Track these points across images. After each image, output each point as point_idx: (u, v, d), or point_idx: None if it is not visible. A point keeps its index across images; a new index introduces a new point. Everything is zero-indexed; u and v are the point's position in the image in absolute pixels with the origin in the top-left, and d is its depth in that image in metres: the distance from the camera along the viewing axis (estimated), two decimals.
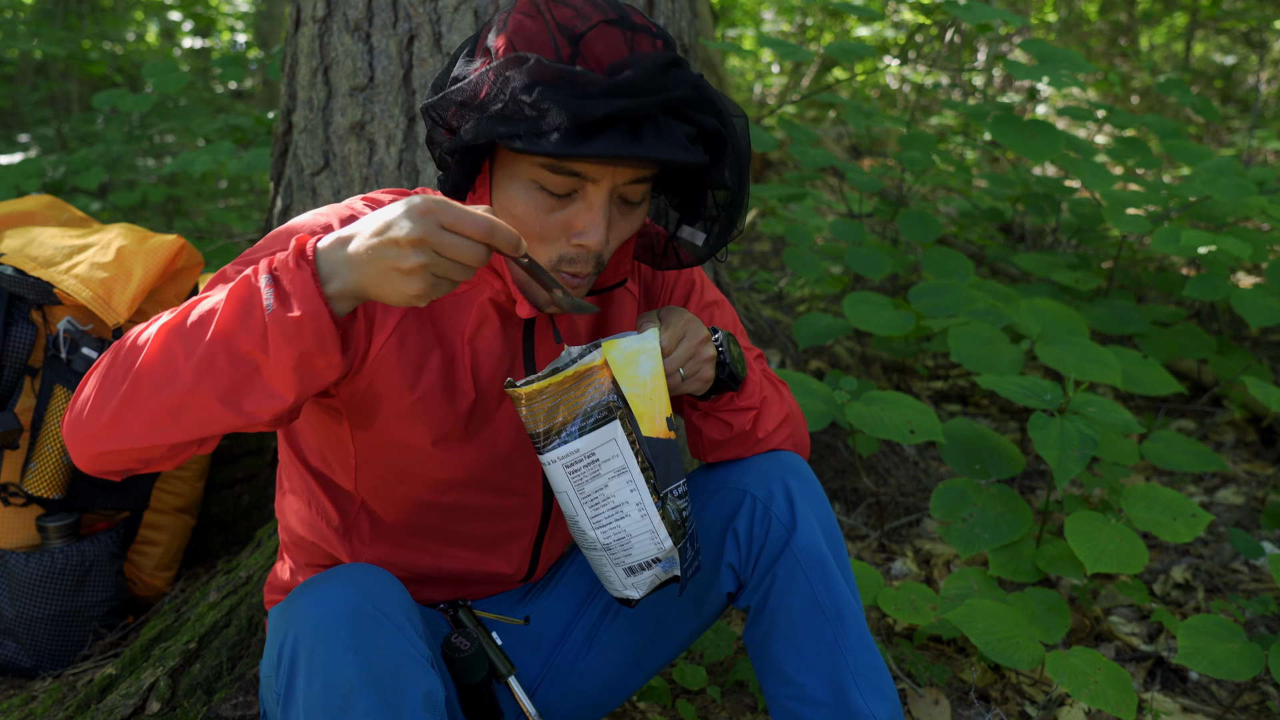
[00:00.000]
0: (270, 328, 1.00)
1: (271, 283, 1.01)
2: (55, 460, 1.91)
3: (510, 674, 1.33)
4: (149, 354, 1.04)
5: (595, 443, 1.17)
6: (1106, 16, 8.69)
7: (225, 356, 1.01)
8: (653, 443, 1.19)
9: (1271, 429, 3.16)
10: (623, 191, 1.17)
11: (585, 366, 1.16)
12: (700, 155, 1.12)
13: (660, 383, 1.19)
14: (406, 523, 1.35)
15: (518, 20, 1.12)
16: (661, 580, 1.26)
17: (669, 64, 1.09)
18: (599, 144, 1.06)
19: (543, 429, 1.17)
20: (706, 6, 5.82)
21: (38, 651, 1.94)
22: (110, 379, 1.06)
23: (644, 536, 1.21)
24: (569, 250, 1.18)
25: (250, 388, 1.03)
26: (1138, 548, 1.92)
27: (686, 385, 1.27)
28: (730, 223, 1.26)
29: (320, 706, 1.07)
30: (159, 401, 1.04)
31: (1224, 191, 2.86)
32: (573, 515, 1.22)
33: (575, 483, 1.19)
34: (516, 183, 1.16)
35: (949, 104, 3.69)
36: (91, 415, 1.06)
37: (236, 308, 1.01)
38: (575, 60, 1.08)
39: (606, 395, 1.17)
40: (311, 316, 1.00)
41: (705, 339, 1.28)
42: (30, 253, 1.93)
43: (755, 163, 6.01)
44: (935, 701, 1.87)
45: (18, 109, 6.44)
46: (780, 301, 3.66)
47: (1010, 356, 2.33)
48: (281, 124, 2.36)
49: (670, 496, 1.21)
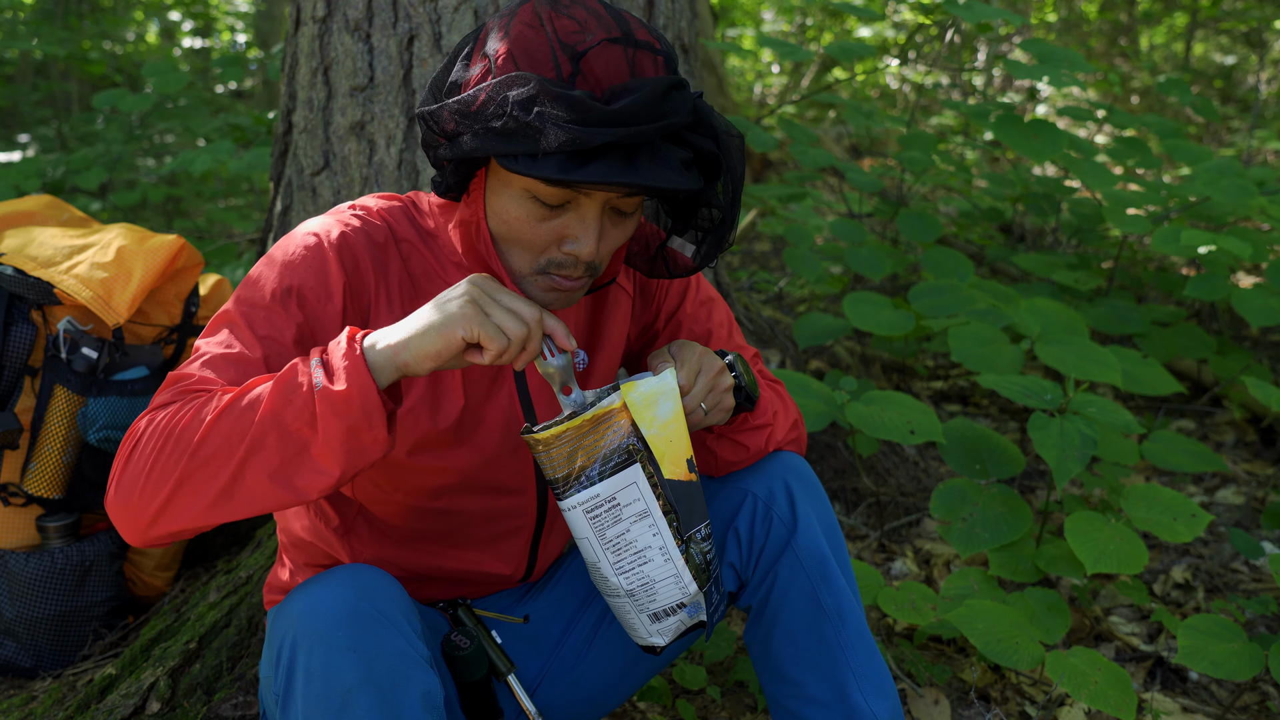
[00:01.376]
0: (319, 403, 1.03)
1: (320, 364, 1.05)
2: (55, 460, 1.92)
3: (510, 672, 1.34)
4: (201, 438, 1.05)
5: (616, 487, 1.16)
6: (1106, 16, 8.69)
7: (276, 435, 1.04)
8: (675, 485, 1.17)
9: (1271, 429, 3.16)
10: (616, 204, 1.17)
11: (604, 410, 1.15)
12: (694, 180, 1.12)
13: (680, 424, 1.18)
14: (404, 525, 1.35)
15: (519, 30, 1.10)
16: (687, 626, 1.25)
17: (670, 88, 1.09)
18: (594, 170, 1.05)
19: (562, 474, 1.15)
20: (706, 6, 5.82)
21: (38, 651, 1.94)
22: (163, 464, 1.06)
23: (668, 581, 1.20)
24: (559, 256, 1.18)
25: (300, 465, 1.05)
26: (1138, 548, 1.92)
27: (710, 418, 1.26)
28: (720, 239, 1.26)
29: (319, 707, 1.07)
30: (213, 484, 1.05)
31: (1224, 192, 2.86)
32: (594, 561, 1.20)
33: (596, 528, 1.17)
34: (510, 191, 1.16)
35: (949, 104, 3.69)
36: (145, 499, 1.07)
37: (285, 388, 1.05)
38: (575, 79, 1.08)
39: (626, 438, 1.15)
40: (359, 391, 1.03)
41: (721, 369, 1.27)
42: (30, 253, 1.93)
43: (755, 163, 6.01)
44: (935, 701, 1.87)
45: (18, 109, 6.44)
46: (780, 301, 3.66)
47: (1010, 356, 2.33)
48: (281, 124, 2.36)
49: (694, 540, 1.20)
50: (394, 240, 1.26)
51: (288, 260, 1.21)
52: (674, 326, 1.46)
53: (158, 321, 2.04)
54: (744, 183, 1.25)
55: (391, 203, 1.30)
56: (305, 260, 1.20)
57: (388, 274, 1.25)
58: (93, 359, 1.90)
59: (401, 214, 1.29)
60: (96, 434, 1.91)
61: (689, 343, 1.28)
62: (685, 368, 1.23)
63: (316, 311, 1.20)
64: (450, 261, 1.28)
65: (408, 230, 1.28)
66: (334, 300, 1.20)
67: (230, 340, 1.16)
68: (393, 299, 1.25)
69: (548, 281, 1.19)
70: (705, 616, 1.24)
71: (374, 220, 1.26)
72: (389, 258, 1.25)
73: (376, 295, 1.24)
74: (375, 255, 1.24)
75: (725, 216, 1.23)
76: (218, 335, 1.17)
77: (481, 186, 1.19)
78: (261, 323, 1.17)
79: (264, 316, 1.17)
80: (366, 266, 1.23)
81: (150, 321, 2.03)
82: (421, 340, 1.06)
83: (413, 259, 1.27)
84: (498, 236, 1.19)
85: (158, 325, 2.04)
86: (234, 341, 1.16)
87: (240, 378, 1.14)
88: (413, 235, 1.28)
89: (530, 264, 1.19)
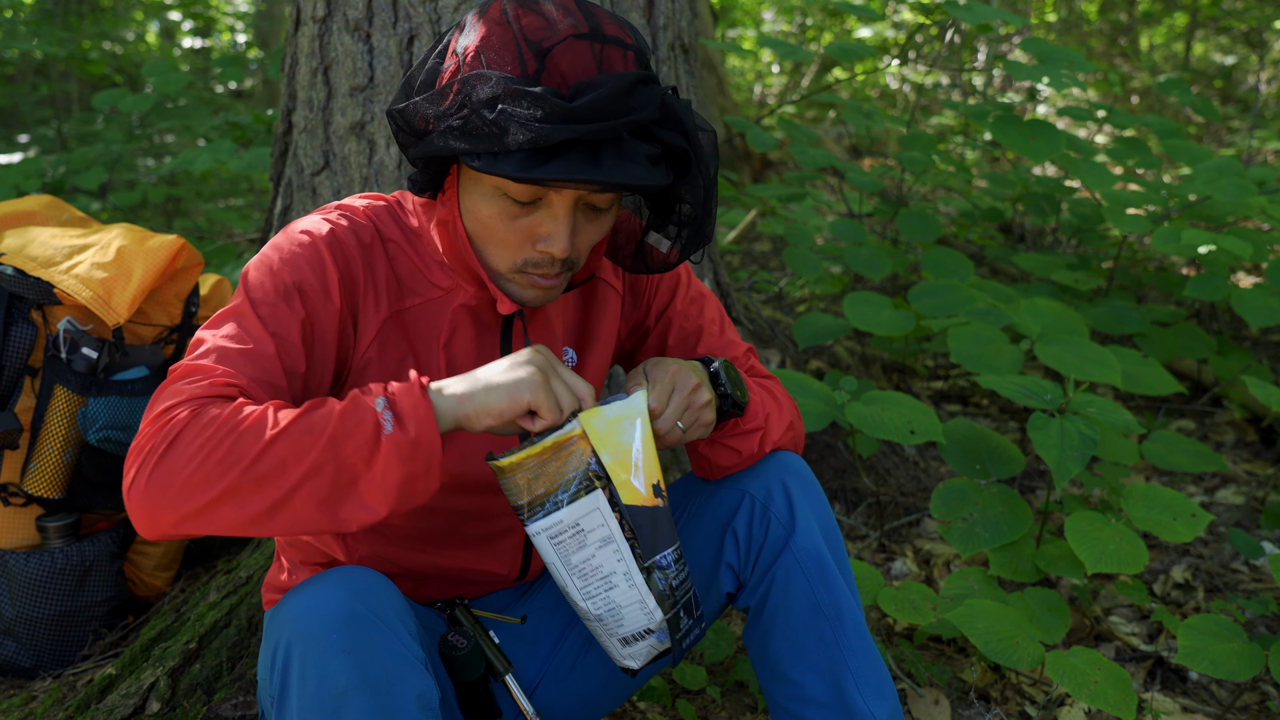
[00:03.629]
0: (386, 446, 1.04)
1: (388, 405, 1.06)
2: (55, 460, 1.92)
3: (507, 672, 1.33)
4: (259, 454, 1.04)
5: (579, 513, 1.16)
6: (1106, 16, 8.69)
7: (333, 466, 1.05)
8: (635, 511, 1.16)
9: (1271, 429, 3.16)
10: (589, 200, 1.17)
11: (564, 436, 1.14)
12: (661, 176, 1.11)
13: (648, 448, 1.17)
14: (399, 524, 1.35)
15: (488, 27, 1.11)
16: (658, 651, 1.25)
17: (636, 83, 1.09)
18: (555, 167, 1.06)
19: (525, 501, 1.16)
20: (706, 6, 5.82)
21: (38, 651, 1.94)
22: (210, 468, 1.04)
23: (633, 607, 1.20)
24: (534, 255, 1.18)
25: (348, 498, 1.06)
26: (1138, 548, 1.92)
27: (690, 434, 1.25)
28: (696, 234, 1.26)
29: (314, 709, 1.07)
30: (260, 500, 1.05)
31: (1224, 191, 2.86)
32: (564, 586, 1.21)
33: (561, 554, 1.18)
34: (481, 188, 1.17)
35: (949, 104, 3.69)
36: (183, 497, 1.05)
37: (348, 420, 1.05)
38: (540, 76, 1.08)
39: (587, 465, 1.15)
40: (427, 441, 1.05)
41: (697, 385, 1.25)
42: (30, 253, 1.93)
43: (755, 163, 6.01)
44: (935, 701, 1.87)
45: (18, 109, 6.44)
46: (780, 301, 3.66)
47: (1010, 356, 2.33)
48: (281, 124, 2.36)
49: (657, 566, 1.19)
50: (380, 240, 1.27)
51: (286, 258, 1.21)
52: (665, 324, 1.46)
53: (158, 321, 2.04)
54: (718, 178, 1.25)
55: (377, 203, 1.31)
56: (303, 258, 1.21)
57: (375, 273, 1.25)
58: (93, 359, 1.90)
59: (386, 214, 1.29)
60: (96, 434, 1.91)
61: (663, 360, 1.26)
62: (656, 388, 1.21)
63: (317, 308, 1.20)
64: (434, 260, 1.28)
65: (393, 230, 1.28)
66: (332, 298, 1.21)
67: (242, 335, 1.16)
68: (380, 298, 1.25)
69: (527, 280, 1.21)
70: (671, 644, 1.24)
71: (360, 220, 1.27)
72: (375, 258, 1.26)
73: (365, 294, 1.25)
74: (363, 255, 1.25)
75: (698, 213, 1.23)
76: (225, 328, 1.17)
77: (455, 185, 1.20)
78: (270, 318, 1.17)
79: (271, 312, 1.17)
80: (357, 265, 1.24)
81: (150, 321, 2.03)
82: (488, 396, 1.09)
83: (398, 259, 1.28)
84: (473, 235, 1.20)
85: (158, 325, 2.04)
86: (246, 337, 1.16)
87: (260, 374, 1.14)
88: (398, 235, 1.28)
89: (507, 264, 1.20)
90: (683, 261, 1.29)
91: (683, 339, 1.46)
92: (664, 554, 1.19)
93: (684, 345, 1.46)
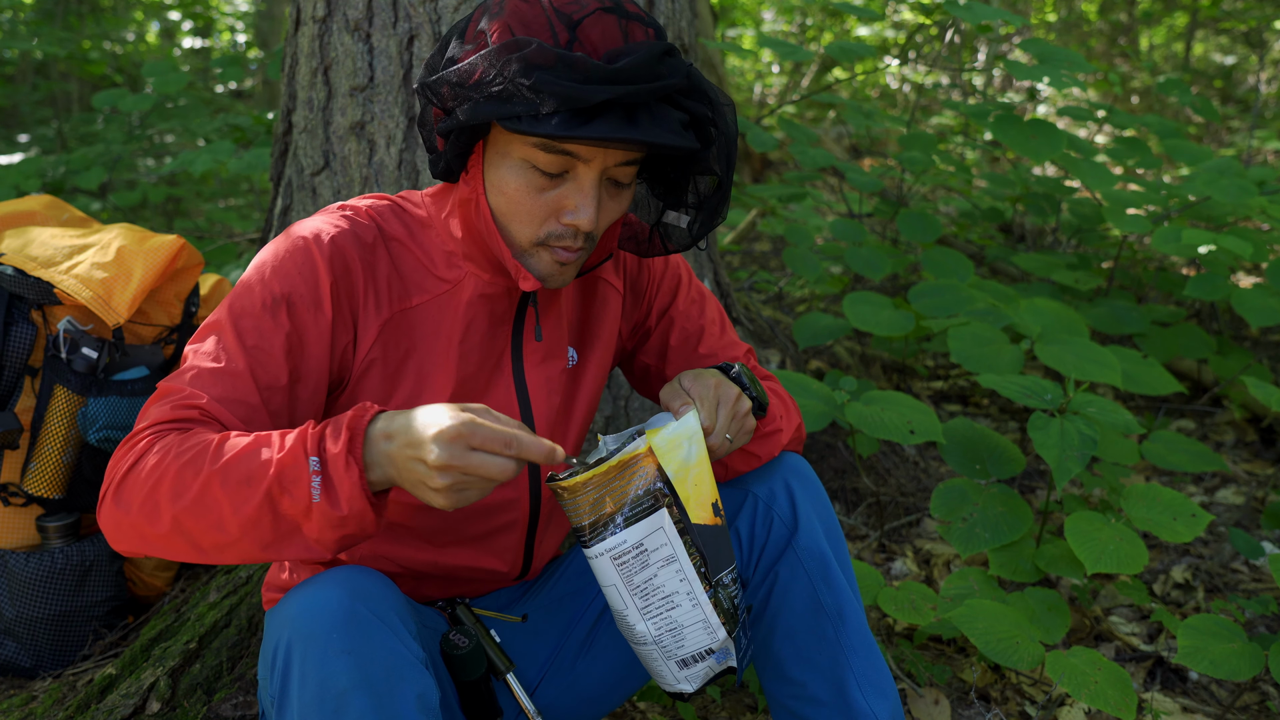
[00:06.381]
0: (316, 514, 1.04)
1: (319, 468, 1.04)
2: (55, 460, 1.91)
3: (509, 671, 1.33)
4: (197, 495, 1.06)
5: (643, 533, 1.15)
6: (1106, 16, 8.69)
7: (271, 518, 1.05)
8: (701, 530, 1.16)
9: (1271, 429, 3.16)
10: (613, 174, 1.19)
11: (629, 455, 1.14)
12: (693, 141, 1.14)
13: (705, 467, 1.17)
14: (399, 521, 1.35)
15: (514, 5, 1.14)
16: (716, 672, 1.24)
17: (664, 53, 1.12)
18: (597, 127, 1.08)
19: (588, 521, 1.14)
20: (706, 6, 5.82)
21: (38, 651, 1.94)
22: (159, 500, 1.07)
23: (696, 626, 1.19)
24: (558, 228, 1.20)
25: (291, 543, 1.07)
26: (1138, 548, 1.92)
27: (735, 443, 1.27)
28: (716, 209, 1.28)
29: (314, 710, 1.07)
30: (207, 541, 1.08)
31: (1224, 191, 2.86)
32: (621, 610, 1.19)
33: (624, 575, 1.16)
34: (509, 162, 1.18)
35: (949, 104, 3.69)
36: (139, 523, 1.08)
37: (286, 479, 1.04)
38: (573, 45, 1.11)
39: (652, 483, 1.14)
40: (357, 514, 1.05)
41: (738, 395, 1.27)
42: (30, 253, 1.93)
43: (755, 163, 6.01)
44: (935, 701, 1.87)
45: (18, 109, 6.44)
46: (780, 301, 3.66)
47: (1010, 356, 2.33)
48: (281, 124, 2.36)
49: (721, 584, 1.19)
50: (382, 239, 1.27)
51: (278, 266, 1.22)
52: (666, 324, 1.47)
53: (158, 321, 2.04)
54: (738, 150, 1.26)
55: (380, 202, 1.32)
56: (296, 266, 1.21)
57: (376, 275, 1.26)
58: (93, 359, 1.90)
59: (390, 212, 1.30)
60: (96, 434, 1.91)
61: (702, 374, 1.28)
62: (706, 406, 1.23)
63: (305, 321, 1.21)
64: (440, 252, 1.29)
65: (396, 227, 1.29)
66: (323, 309, 1.21)
67: (217, 352, 1.18)
68: (380, 299, 1.26)
69: (549, 255, 1.21)
70: (735, 662, 1.23)
71: (362, 220, 1.27)
72: (377, 258, 1.26)
73: (365, 297, 1.25)
74: (364, 257, 1.25)
75: (721, 183, 1.26)
76: (205, 344, 1.19)
77: (480, 162, 1.21)
78: (250, 331, 1.18)
79: (252, 325, 1.19)
80: (356, 269, 1.24)
81: (150, 321, 2.03)
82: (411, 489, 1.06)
83: (401, 256, 1.28)
84: (497, 211, 1.21)
85: (158, 325, 2.04)
86: (220, 354, 1.17)
87: (226, 394, 1.15)
88: (401, 233, 1.29)
89: (530, 237, 1.21)
90: (701, 237, 1.31)
91: (684, 339, 1.47)
92: (726, 572, 1.20)
93: (685, 345, 1.47)
